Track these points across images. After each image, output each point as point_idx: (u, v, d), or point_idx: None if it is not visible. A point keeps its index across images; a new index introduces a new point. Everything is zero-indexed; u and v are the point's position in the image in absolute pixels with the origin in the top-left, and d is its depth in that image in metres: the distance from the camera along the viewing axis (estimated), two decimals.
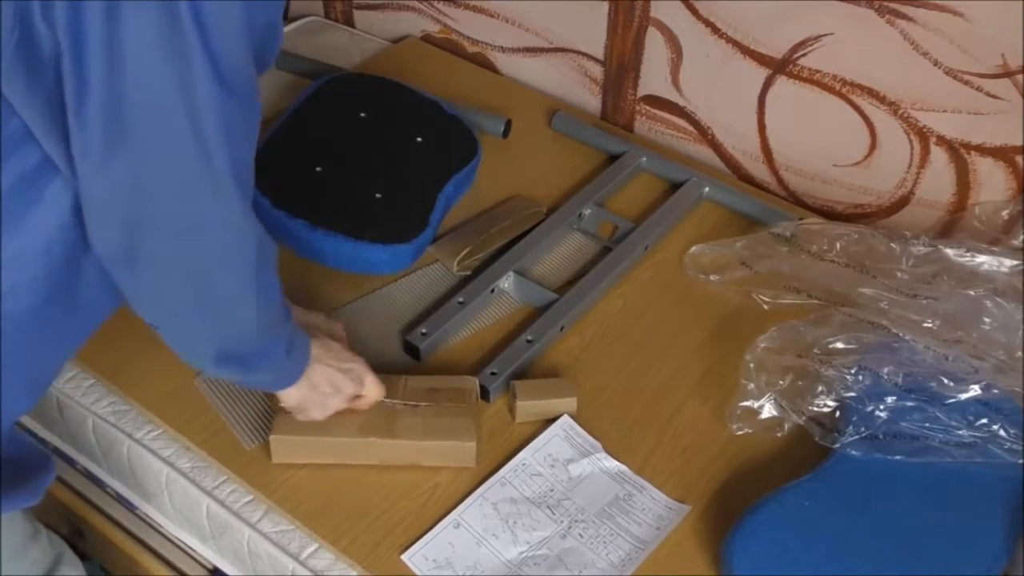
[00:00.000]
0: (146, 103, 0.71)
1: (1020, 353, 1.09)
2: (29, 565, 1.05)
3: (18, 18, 0.69)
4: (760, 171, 1.48)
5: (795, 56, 1.34)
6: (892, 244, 1.24)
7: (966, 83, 1.23)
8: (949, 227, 1.34)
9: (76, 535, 1.41)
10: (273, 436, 1.05)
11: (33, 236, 0.80)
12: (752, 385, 1.08)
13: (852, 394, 1.06)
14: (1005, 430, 1.03)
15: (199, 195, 0.77)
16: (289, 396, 1.00)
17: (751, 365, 1.09)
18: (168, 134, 0.73)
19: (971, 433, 1.03)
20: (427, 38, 1.74)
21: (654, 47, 1.47)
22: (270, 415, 1.10)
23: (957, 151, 1.29)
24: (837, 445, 1.04)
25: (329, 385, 1.00)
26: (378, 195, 1.31)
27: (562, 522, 1.03)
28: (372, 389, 1.04)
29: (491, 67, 1.68)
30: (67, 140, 0.74)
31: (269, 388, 0.99)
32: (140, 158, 0.74)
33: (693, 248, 1.32)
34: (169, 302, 0.84)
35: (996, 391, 1.05)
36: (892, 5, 1.22)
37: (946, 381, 1.05)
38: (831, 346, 1.10)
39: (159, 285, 0.82)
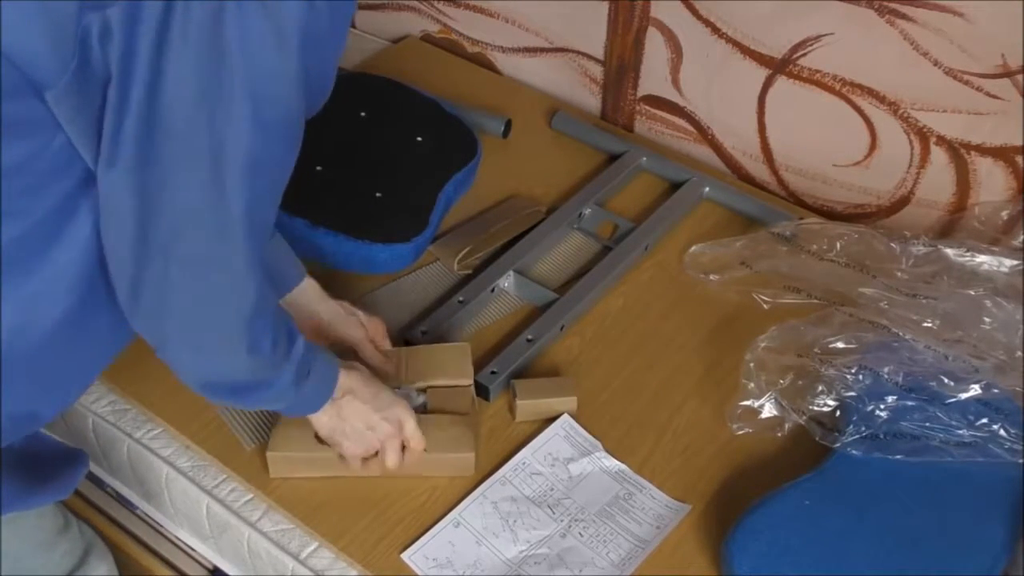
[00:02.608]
0: (176, 132, 0.73)
1: (1020, 353, 1.09)
2: (59, 558, 1.04)
3: (78, 43, 0.71)
4: (760, 171, 1.48)
5: (795, 56, 1.34)
6: (892, 244, 1.24)
7: (966, 83, 1.23)
8: (949, 227, 1.34)
9: None
10: (270, 453, 1.05)
11: (71, 248, 0.81)
12: (752, 385, 1.08)
13: (852, 393, 1.06)
14: (1005, 430, 1.03)
15: (205, 229, 0.78)
16: (320, 424, 1.00)
17: (751, 365, 1.09)
18: (190, 165, 0.75)
19: (971, 433, 1.03)
20: (427, 38, 1.74)
21: (654, 47, 1.47)
22: (270, 416, 1.10)
23: (957, 151, 1.29)
24: (837, 445, 1.04)
25: (360, 420, 1.00)
26: (378, 195, 1.31)
27: (562, 521, 1.03)
28: (413, 436, 1.02)
29: (491, 67, 1.68)
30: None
31: (301, 410, 0.98)
32: (160, 180, 0.75)
33: (693, 248, 1.32)
34: (161, 328, 0.84)
35: (996, 391, 1.06)
36: (892, 5, 1.22)
37: (946, 381, 1.06)
38: (831, 346, 1.10)
39: (155, 310, 0.82)
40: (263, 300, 0.84)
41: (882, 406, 1.05)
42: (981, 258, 1.20)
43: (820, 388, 1.07)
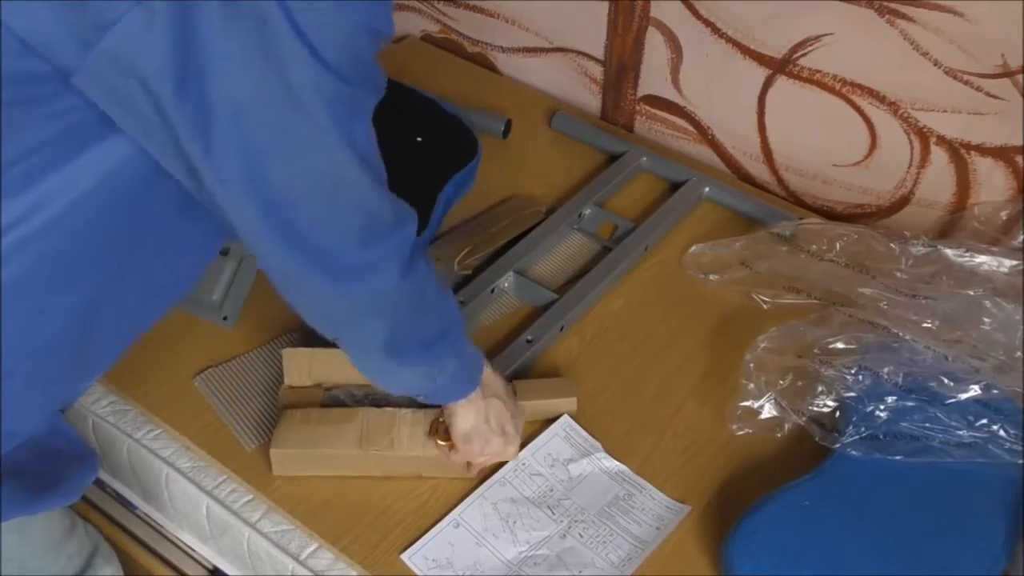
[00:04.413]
0: (267, 117, 0.72)
1: (1020, 353, 1.09)
2: (65, 561, 1.04)
3: (102, 30, 0.69)
4: (760, 171, 1.48)
5: (795, 56, 1.34)
6: (892, 244, 1.24)
7: (966, 83, 1.23)
8: (949, 227, 1.34)
9: None
10: (273, 450, 1.05)
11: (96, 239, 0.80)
12: (752, 385, 1.08)
13: (852, 394, 1.06)
14: (1005, 430, 1.03)
15: (337, 190, 0.78)
16: (465, 419, 1.00)
17: (751, 365, 1.09)
18: (304, 137, 0.74)
19: (971, 433, 1.03)
20: (427, 38, 1.74)
21: (654, 47, 1.47)
22: (270, 416, 1.10)
23: (957, 151, 1.29)
24: (837, 445, 1.04)
25: (496, 422, 1.02)
26: None
27: (562, 522, 1.03)
28: (513, 450, 1.06)
29: (491, 67, 1.68)
30: (159, 137, 0.74)
31: (454, 388, 0.98)
32: (279, 171, 0.74)
33: (693, 248, 1.32)
34: (336, 312, 0.86)
35: (996, 391, 1.05)
36: (892, 5, 1.22)
37: (946, 381, 1.06)
38: (831, 346, 1.10)
39: (324, 300, 0.84)
40: (401, 214, 0.85)
41: (882, 407, 1.05)
42: (981, 258, 1.20)
43: (820, 389, 1.07)
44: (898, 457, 1.02)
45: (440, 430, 1.04)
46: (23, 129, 0.74)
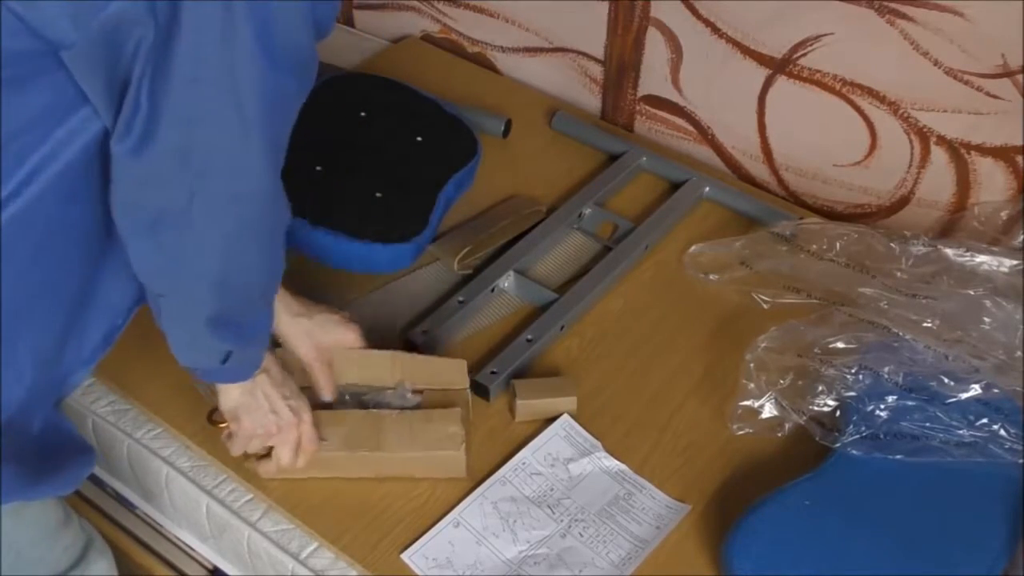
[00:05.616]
0: (195, 79, 0.74)
1: (1020, 353, 1.09)
2: (60, 551, 1.04)
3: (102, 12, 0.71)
4: (760, 171, 1.48)
5: (795, 56, 1.34)
6: (892, 244, 1.24)
7: (966, 83, 1.23)
8: (949, 227, 1.34)
9: None
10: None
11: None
12: (752, 385, 1.08)
13: (852, 394, 1.06)
14: (1005, 430, 1.03)
15: (235, 167, 0.79)
16: (229, 396, 0.99)
17: (751, 365, 1.09)
18: (213, 109, 0.76)
19: (971, 433, 1.03)
20: (427, 38, 1.74)
21: (654, 47, 1.47)
22: None
23: (957, 151, 1.29)
24: (837, 445, 1.04)
25: (265, 399, 1.00)
26: (378, 195, 1.31)
27: (562, 521, 1.03)
28: (307, 433, 1.02)
29: (491, 67, 1.68)
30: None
31: (236, 373, 0.98)
32: (184, 130, 0.76)
33: (693, 248, 1.32)
34: (185, 268, 0.85)
35: (996, 391, 1.05)
36: (892, 5, 1.22)
37: (946, 380, 1.06)
38: (831, 346, 1.10)
39: (181, 252, 0.83)
40: (284, 221, 0.88)
41: (882, 406, 1.05)
42: (981, 258, 1.20)
43: (820, 388, 1.07)
44: (898, 456, 1.03)
45: (217, 411, 1.03)
46: (18, 107, 0.75)
